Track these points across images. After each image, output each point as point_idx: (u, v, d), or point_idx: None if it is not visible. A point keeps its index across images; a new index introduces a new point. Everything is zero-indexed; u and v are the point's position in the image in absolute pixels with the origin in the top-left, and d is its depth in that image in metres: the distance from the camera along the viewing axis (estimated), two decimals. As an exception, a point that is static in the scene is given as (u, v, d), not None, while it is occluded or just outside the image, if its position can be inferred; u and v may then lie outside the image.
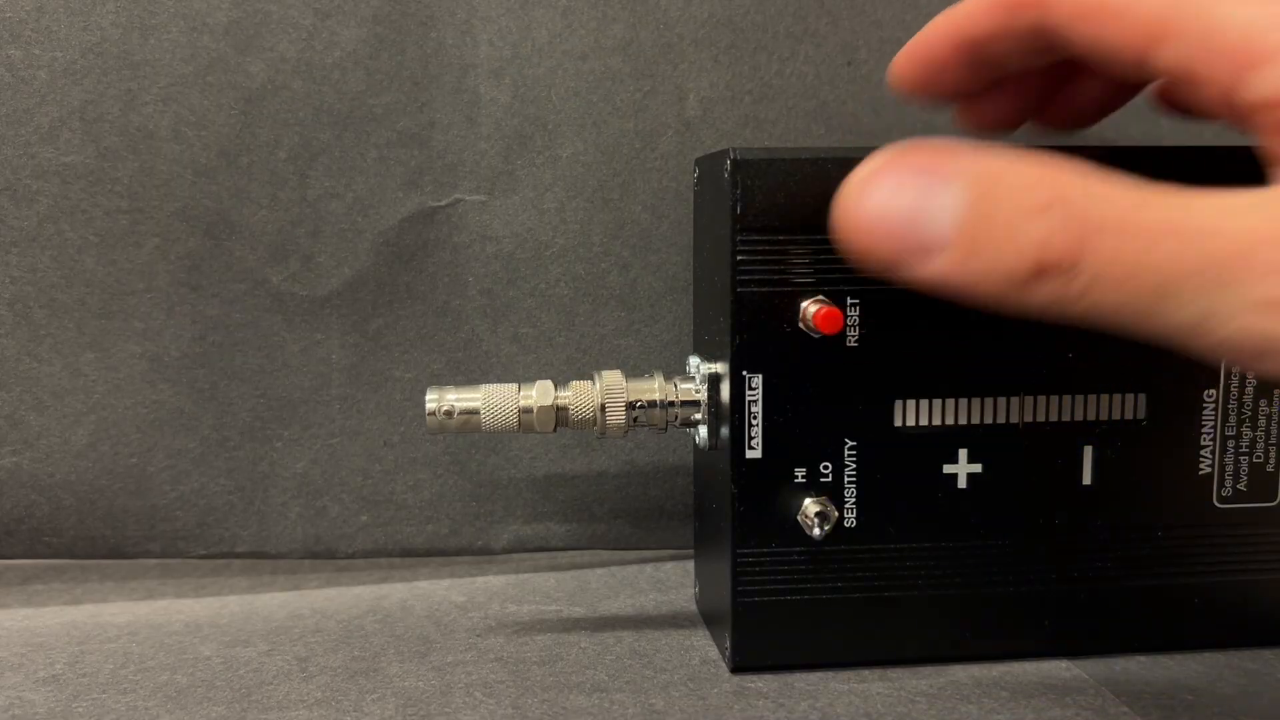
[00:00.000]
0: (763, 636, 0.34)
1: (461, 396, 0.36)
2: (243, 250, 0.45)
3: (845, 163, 0.33)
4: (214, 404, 0.46)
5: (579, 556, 0.48)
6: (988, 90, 0.33)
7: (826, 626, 0.35)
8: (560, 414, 0.36)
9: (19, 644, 0.38)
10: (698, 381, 0.36)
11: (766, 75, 0.45)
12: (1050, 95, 0.34)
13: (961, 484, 0.35)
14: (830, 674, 0.35)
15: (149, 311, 0.46)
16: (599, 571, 0.46)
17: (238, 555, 0.47)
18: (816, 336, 0.33)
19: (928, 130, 0.46)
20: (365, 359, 0.46)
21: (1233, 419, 0.35)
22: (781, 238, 0.33)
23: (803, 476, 0.34)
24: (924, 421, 0.34)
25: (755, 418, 0.33)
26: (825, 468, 0.34)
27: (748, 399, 0.33)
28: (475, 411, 0.36)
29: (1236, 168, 0.34)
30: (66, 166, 0.45)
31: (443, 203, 0.46)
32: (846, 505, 0.34)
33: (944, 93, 0.32)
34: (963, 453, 0.34)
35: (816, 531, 0.33)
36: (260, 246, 0.45)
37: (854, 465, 0.34)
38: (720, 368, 0.35)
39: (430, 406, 0.36)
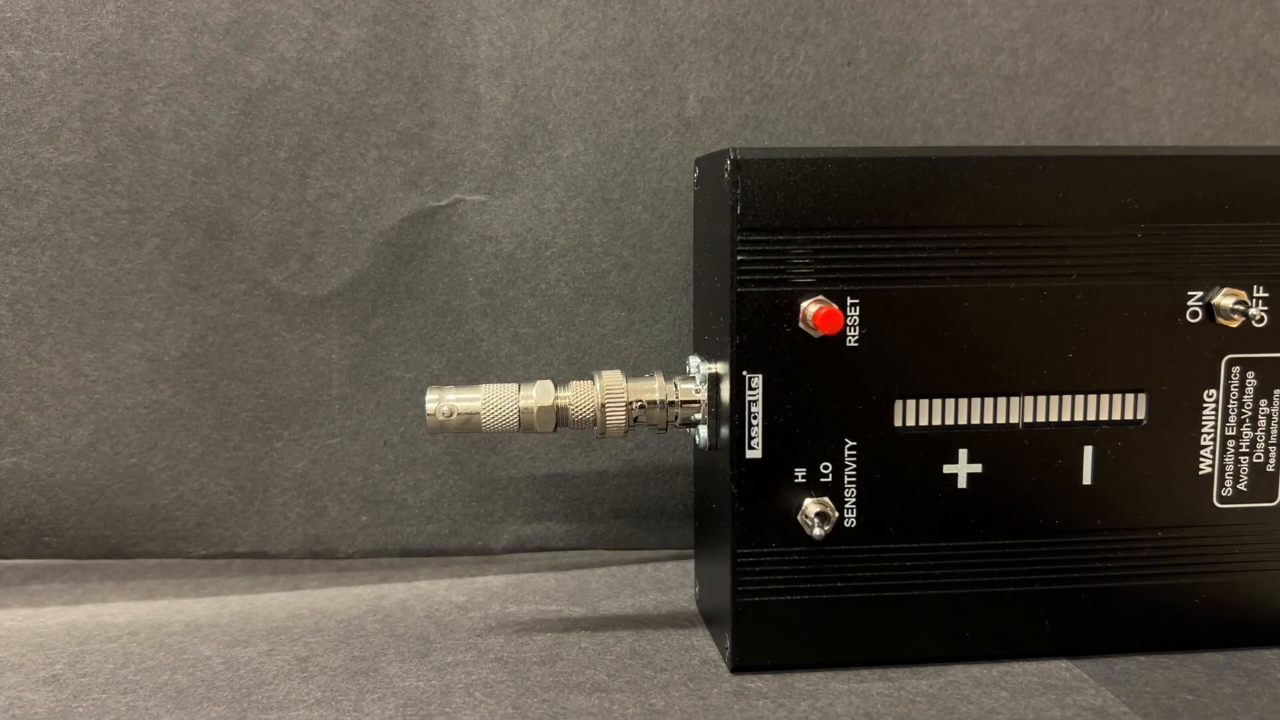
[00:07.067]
0: (763, 636, 0.34)
1: (461, 396, 0.36)
2: (243, 250, 0.45)
3: (845, 163, 0.33)
4: (214, 404, 0.46)
5: (579, 556, 0.48)
6: None
7: (826, 626, 0.35)
8: (560, 414, 0.36)
9: (19, 644, 0.38)
10: (698, 381, 0.36)
11: (766, 75, 0.45)
12: None
13: (961, 484, 0.35)
14: (830, 674, 0.35)
15: (149, 311, 0.46)
16: (599, 571, 0.46)
17: (238, 555, 0.47)
18: (816, 336, 0.33)
19: (927, 131, 0.46)
20: (365, 359, 0.46)
21: (1233, 419, 0.35)
22: (781, 238, 0.33)
23: (803, 476, 0.34)
24: (924, 421, 0.34)
25: (755, 418, 0.33)
26: (825, 468, 0.34)
27: (748, 399, 0.33)
28: (475, 412, 0.36)
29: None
30: (66, 166, 0.44)
31: (443, 203, 0.46)
32: (846, 505, 0.34)
33: None
34: (963, 453, 0.34)
35: (816, 531, 0.33)
36: (260, 246, 0.45)
37: (854, 465, 0.34)
38: (720, 368, 0.35)
39: (430, 407, 0.36)
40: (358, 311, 0.46)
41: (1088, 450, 0.35)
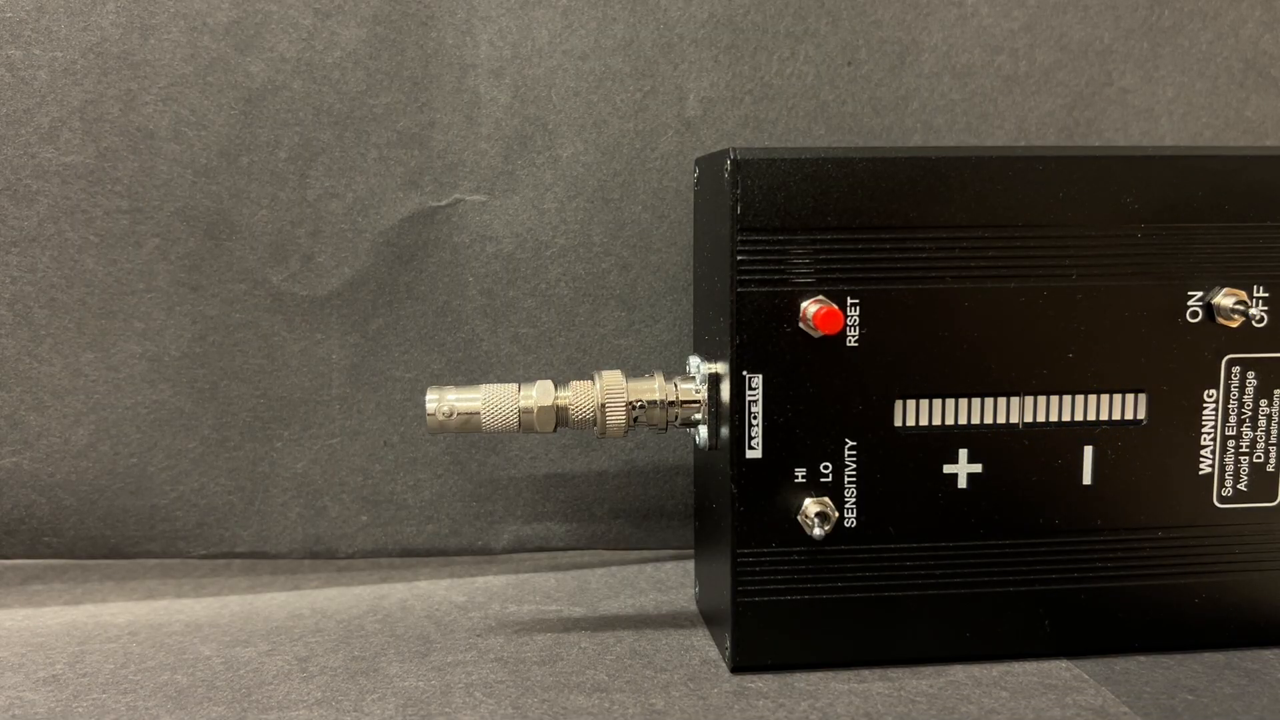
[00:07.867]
0: (763, 636, 0.34)
1: (461, 397, 0.36)
2: (243, 250, 0.45)
3: (845, 163, 0.33)
4: (214, 404, 0.46)
5: (579, 556, 0.48)
6: None
7: (826, 626, 0.35)
8: (560, 414, 0.36)
9: (19, 644, 0.38)
10: (698, 381, 0.36)
11: (766, 75, 0.45)
12: None
13: (961, 484, 0.35)
14: (830, 674, 0.35)
15: (149, 311, 0.46)
16: (599, 571, 0.46)
17: (238, 555, 0.47)
18: (816, 336, 0.33)
19: (927, 131, 0.46)
20: (365, 359, 0.46)
21: (1233, 419, 0.35)
22: (781, 238, 0.33)
23: (803, 476, 0.34)
24: (924, 421, 0.34)
25: (755, 418, 0.33)
26: (825, 468, 0.34)
27: (748, 399, 0.33)
28: (475, 412, 0.36)
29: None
30: (66, 166, 0.44)
31: (443, 203, 0.46)
32: (846, 505, 0.34)
33: None
34: (963, 453, 0.34)
35: (816, 531, 0.33)
36: (260, 246, 0.45)
37: (854, 465, 0.34)
38: (720, 368, 0.35)
39: (430, 407, 0.36)
40: (358, 311, 0.46)
41: (1088, 450, 0.35)
